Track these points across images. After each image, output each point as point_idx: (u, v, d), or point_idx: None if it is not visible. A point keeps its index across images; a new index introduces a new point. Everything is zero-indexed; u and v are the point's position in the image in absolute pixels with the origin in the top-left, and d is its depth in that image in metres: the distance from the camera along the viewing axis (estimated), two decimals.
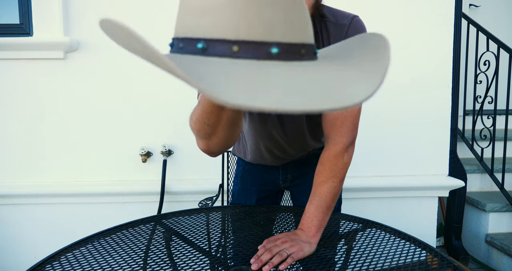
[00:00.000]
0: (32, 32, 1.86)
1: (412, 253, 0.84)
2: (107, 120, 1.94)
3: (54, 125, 1.92)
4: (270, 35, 0.43)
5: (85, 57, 1.90)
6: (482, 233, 2.28)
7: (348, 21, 0.98)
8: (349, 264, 0.80)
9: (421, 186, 2.06)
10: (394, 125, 2.07)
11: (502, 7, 3.26)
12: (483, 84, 2.40)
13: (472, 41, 2.46)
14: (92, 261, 0.78)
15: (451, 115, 2.11)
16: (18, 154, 1.92)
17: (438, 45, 2.05)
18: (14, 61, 1.87)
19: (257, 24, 0.42)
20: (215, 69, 0.41)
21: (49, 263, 0.77)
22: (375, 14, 2.00)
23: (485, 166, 2.34)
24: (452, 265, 0.78)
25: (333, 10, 1.02)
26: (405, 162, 2.10)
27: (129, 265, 0.77)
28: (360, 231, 0.98)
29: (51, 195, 1.91)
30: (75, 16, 1.88)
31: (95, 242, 0.88)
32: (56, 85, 1.90)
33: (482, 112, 2.37)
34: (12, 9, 1.87)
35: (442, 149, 2.11)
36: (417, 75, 2.05)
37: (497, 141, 2.35)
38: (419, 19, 2.03)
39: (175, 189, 1.94)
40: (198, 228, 0.99)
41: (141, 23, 1.90)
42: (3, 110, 1.90)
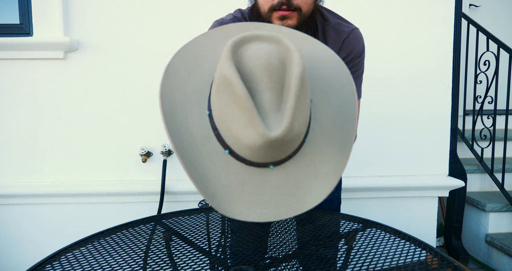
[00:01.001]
0: (32, 32, 1.86)
1: (412, 253, 0.84)
2: (107, 120, 1.93)
3: (54, 125, 1.92)
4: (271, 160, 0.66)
5: (85, 57, 1.90)
6: (482, 233, 2.28)
7: (348, 32, 0.99)
8: (349, 264, 0.80)
9: (421, 186, 2.06)
10: (394, 125, 2.07)
11: (502, 7, 3.26)
12: (483, 84, 2.40)
13: (472, 41, 2.46)
14: (92, 261, 0.78)
15: (451, 115, 2.11)
16: (18, 154, 1.92)
17: (438, 45, 2.05)
18: (14, 61, 1.87)
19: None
20: (226, 182, 0.66)
21: (49, 263, 0.77)
22: (375, 14, 2.00)
23: (485, 166, 2.34)
24: (452, 265, 0.78)
25: (338, 17, 1.04)
26: (405, 162, 2.10)
27: (129, 265, 0.77)
28: (360, 231, 0.98)
29: (51, 195, 1.91)
30: (75, 16, 1.88)
31: (95, 242, 0.88)
32: (56, 85, 1.90)
33: (482, 112, 2.37)
34: (12, 9, 1.87)
35: (442, 149, 2.11)
36: (417, 76, 2.05)
37: (497, 141, 2.35)
38: (419, 19, 2.03)
39: (175, 189, 1.94)
40: (198, 228, 0.99)
41: (141, 23, 1.90)
42: (3, 110, 1.90)
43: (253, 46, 0.63)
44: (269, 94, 0.60)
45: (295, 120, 0.59)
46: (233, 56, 0.61)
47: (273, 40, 0.64)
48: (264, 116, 0.60)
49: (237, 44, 0.63)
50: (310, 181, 0.67)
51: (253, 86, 0.60)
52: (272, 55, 0.61)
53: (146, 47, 1.91)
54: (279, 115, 0.60)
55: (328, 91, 0.71)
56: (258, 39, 0.64)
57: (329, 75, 0.73)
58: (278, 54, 0.62)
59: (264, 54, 0.61)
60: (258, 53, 0.61)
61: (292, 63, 0.61)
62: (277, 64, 0.61)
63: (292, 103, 0.58)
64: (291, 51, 0.62)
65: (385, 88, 2.03)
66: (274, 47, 0.63)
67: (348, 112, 0.69)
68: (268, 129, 0.58)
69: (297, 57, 0.61)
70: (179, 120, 0.68)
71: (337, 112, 0.69)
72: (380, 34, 2.01)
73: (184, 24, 1.90)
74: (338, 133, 0.69)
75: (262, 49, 0.62)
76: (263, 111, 0.60)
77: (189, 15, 1.90)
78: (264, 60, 0.60)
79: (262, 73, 0.60)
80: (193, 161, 0.65)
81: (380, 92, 2.03)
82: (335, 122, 0.69)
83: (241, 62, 0.61)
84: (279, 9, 0.87)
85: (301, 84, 0.59)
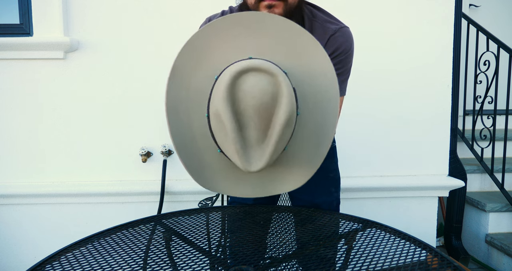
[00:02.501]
0: (32, 32, 1.86)
1: (412, 253, 0.84)
2: (107, 120, 1.93)
3: (54, 125, 1.92)
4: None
5: (85, 57, 1.90)
6: (482, 233, 2.28)
7: (335, 29, 1.01)
8: (349, 264, 0.79)
9: (421, 186, 2.06)
10: (394, 125, 2.07)
11: (502, 7, 3.26)
12: (483, 84, 2.40)
13: (472, 41, 2.46)
14: (92, 261, 0.78)
15: (451, 115, 2.11)
16: (18, 154, 1.92)
17: (438, 45, 2.05)
18: (14, 61, 1.87)
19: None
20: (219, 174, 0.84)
21: (49, 263, 0.77)
22: (374, 14, 2.00)
23: (485, 166, 2.34)
24: (452, 265, 0.78)
25: (328, 15, 1.05)
26: (405, 162, 2.10)
27: (129, 265, 0.77)
28: (360, 231, 0.98)
29: (51, 195, 1.91)
30: (75, 16, 1.88)
31: (95, 242, 0.88)
32: (56, 85, 1.90)
33: (482, 112, 2.37)
34: (12, 9, 1.87)
35: (442, 149, 2.11)
36: (417, 76, 2.05)
37: (497, 141, 2.35)
38: (419, 19, 2.03)
39: (175, 189, 1.94)
40: (198, 228, 0.99)
41: (141, 23, 1.90)
42: (3, 110, 1.90)
43: (249, 80, 0.70)
44: (255, 133, 0.72)
45: (274, 155, 0.73)
46: (230, 90, 0.70)
47: (268, 72, 0.70)
48: (248, 149, 0.73)
49: (234, 77, 0.69)
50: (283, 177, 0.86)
51: (244, 121, 0.71)
52: (266, 93, 0.69)
53: (146, 47, 1.91)
54: (262, 149, 0.73)
55: (315, 102, 0.80)
56: (254, 71, 0.70)
57: (319, 84, 0.80)
58: (271, 90, 0.70)
59: (257, 93, 0.69)
60: (252, 90, 0.69)
61: (281, 106, 0.70)
62: (268, 101, 0.69)
63: (272, 148, 0.72)
64: (282, 89, 0.70)
65: (385, 88, 2.03)
66: (268, 82, 0.70)
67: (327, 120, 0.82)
68: (249, 163, 0.72)
69: (285, 101, 0.70)
70: (181, 116, 0.79)
71: (319, 120, 0.82)
72: (380, 34, 2.01)
73: (184, 24, 1.90)
74: (315, 139, 0.81)
75: (256, 85, 0.69)
76: (248, 144, 0.73)
77: (189, 15, 1.90)
78: (257, 100, 0.69)
79: (253, 113, 0.70)
80: (189, 150, 0.80)
81: (380, 92, 2.03)
82: (315, 131, 0.81)
83: (236, 99, 0.70)
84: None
85: (283, 129, 0.71)
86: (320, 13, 1.03)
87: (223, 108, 0.69)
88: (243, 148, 0.71)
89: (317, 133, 0.81)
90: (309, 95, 0.80)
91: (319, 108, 0.80)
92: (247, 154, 0.72)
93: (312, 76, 0.80)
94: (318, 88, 0.80)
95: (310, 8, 1.04)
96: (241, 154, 0.71)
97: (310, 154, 0.82)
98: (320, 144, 0.82)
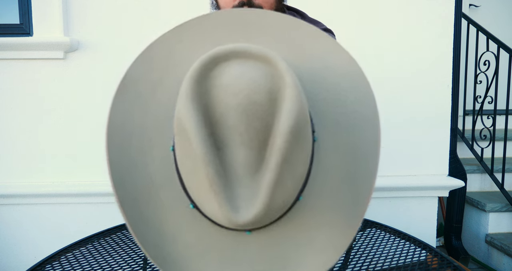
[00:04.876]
0: (32, 32, 1.86)
1: (412, 253, 0.84)
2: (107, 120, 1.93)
3: (54, 125, 1.92)
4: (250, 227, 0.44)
5: (85, 57, 1.90)
6: (482, 233, 2.28)
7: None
8: (349, 264, 0.79)
9: (421, 186, 2.06)
10: (393, 125, 2.07)
11: (502, 7, 3.26)
12: (483, 84, 2.40)
13: (472, 41, 2.46)
14: (92, 261, 0.78)
15: (451, 115, 2.11)
16: (18, 154, 1.92)
17: (438, 45, 2.05)
18: (14, 61, 1.87)
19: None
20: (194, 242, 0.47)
21: (49, 263, 0.77)
22: (374, 14, 2.00)
23: (485, 166, 2.33)
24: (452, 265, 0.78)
25: (311, 20, 1.00)
26: (405, 162, 2.10)
27: (129, 265, 0.77)
28: (360, 231, 0.98)
29: (51, 195, 1.91)
30: (75, 16, 1.88)
31: (95, 242, 0.88)
32: (56, 85, 1.90)
33: (482, 112, 2.37)
34: (12, 9, 1.87)
35: (442, 149, 2.11)
36: (417, 76, 2.05)
37: (497, 141, 2.35)
38: (419, 19, 2.02)
39: None
40: None
41: (141, 23, 1.90)
42: (3, 110, 1.90)
43: (231, 70, 0.42)
44: (244, 152, 0.41)
45: (275, 196, 0.41)
46: (198, 86, 0.42)
47: (261, 58, 0.43)
48: (233, 184, 0.41)
49: (206, 66, 0.43)
50: (301, 254, 0.47)
51: (223, 136, 0.41)
52: (257, 87, 0.41)
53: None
54: (255, 183, 0.41)
55: (341, 121, 0.49)
56: (238, 57, 0.43)
57: (345, 96, 0.51)
58: (266, 83, 0.41)
59: (244, 86, 0.40)
60: (235, 83, 0.41)
61: (283, 106, 0.40)
62: (263, 102, 0.40)
63: (272, 179, 0.40)
64: (285, 80, 0.41)
65: (384, 88, 2.03)
66: (262, 72, 0.42)
67: (365, 155, 0.47)
68: (234, 211, 0.40)
69: (290, 97, 0.40)
70: (131, 154, 0.49)
71: (351, 154, 0.48)
72: (380, 34, 2.01)
73: None
74: (349, 187, 0.47)
75: (242, 77, 0.41)
76: (233, 176, 0.41)
77: (189, 15, 1.90)
78: (243, 96, 0.40)
79: (238, 119, 0.40)
80: (143, 210, 0.49)
81: (379, 93, 2.02)
82: (347, 170, 0.48)
83: (209, 97, 0.42)
84: None
85: (291, 145, 0.40)
86: (301, 18, 0.99)
87: (186, 113, 0.40)
88: (223, 181, 0.41)
89: (348, 175, 0.47)
90: (331, 112, 0.49)
91: (349, 131, 0.49)
92: (231, 192, 0.41)
93: (332, 83, 0.51)
94: (343, 99, 0.50)
95: (293, 13, 1.00)
96: (220, 192, 0.40)
97: (338, 210, 0.47)
98: (354, 194, 0.47)
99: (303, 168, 0.44)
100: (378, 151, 0.48)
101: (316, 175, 0.47)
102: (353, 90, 0.50)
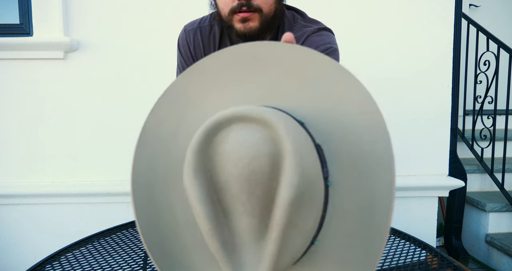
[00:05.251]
0: (32, 32, 1.86)
1: (412, 253, 0.84)
2: (107, 120, 1.93)
3: (54, 125, 1.92)
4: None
5: (85, 57, 1.90)
6: (482, 233, 2.28)
7: (313, 30, 0.93)
8: None
9: (421, 186, 2.06)
10: (393, 125, 2.06)
11: (502, 7, 3.26)
12: (483, 84, 2.40)
13: (472, 41, 2.46)
14: (92, 261, 0.78)
15: (451, 115, 2.11)
16: (18, 154, 1.92)
17: (438, 45, 2.05)
18: (14, 61, 1.87)
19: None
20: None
21: (49, 263, 0.77)
22: (374, 14, 2.00)
23: (485, 166, 2.34)
24: (452, 265, 0.78)
25: (309, 20, 0.99)
26: (405, 162, 2.10)
27: (129, 265, 0.77)
28: None
29: (51, 195, 1.91)
30: (75, 16, 1.88)
31: (95, 242, 0.88)
32: (56, 85, 1.90)
33: (482, 112, 2.37)
34: (12, 9, 1.87)
35: (442, 149, 2.11)
36: (417, 76, 2.05)
37: (497, 141, 2.35)
38: (419, 19, 2.02)
39: None
40: None
41: (141, 23, 1.90)
42: (3, 110, 1.90)
43: (232, 136, 0.44)
44: (247, 220, 0.43)
45: (282, 256, 0.43)
46: (202, 156, 0.44)
47: (262, 123, 0.44)
48: (240, 251, 0.43)
49: (209, 132, 0.44)
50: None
51: (228, 204, 0.43)
52: (259, 153, 0.42)
53: (146, 47, 1.91)
54: (260, 250, 0.43)
55: (356, 164, 0.49)
56: (240, 121, 0.44)
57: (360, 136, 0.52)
58: (266, 149, 0.42)
59: (245, 153, 0.42)
60: (237, 150, 0.42)
61: (282, 177, 0.41)
62: (264, 169, 0.42)
63: (275, 248, 0.41)
64: (285, 146, 0.42)
65: (384, 88, 2.03)
66: (263, 137, 0.43)
67: (380, 201, 0.48)
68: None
69: (290, 168, 0.41)
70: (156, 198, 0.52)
71: (366, 199, 0.48)
72: (380, 34, 2.01)
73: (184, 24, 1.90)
74: (363, 234, 0.48)
75: (243, 144, 0.43)
76: (240, 243, 0.43)
77: (189, 15, 1.89)
78: (244, 164, 0.42)
79: (240, 188, 0.42)
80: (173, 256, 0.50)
81: (379, 93, 2.02)
82: (361, 215, 0.48)
83: (213, 165, 0.44)
84: (239, 11, 0.84)
85: (290, 213, 0.41)
86: (301, 17, 0.99)
87: (189, 183, 0.43)
88: (229, 250, 0.43)
89: (362, 222, 0.48)
90: (346, 152, 0.50)
91: (364, 175, 0.49)
92: (237, 259, 0.43)
93: (347, 124, 0.51)
94: (358, 141, 0.50)
95: (293, 13, 1.00)
96: (225, 260, 0.43)
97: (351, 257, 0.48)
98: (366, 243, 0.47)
99: (312, 223, 0.45)
100: (393, 196, 0.48)
101: (331, 219, 0.48)
102: (368, 129, 0.52)
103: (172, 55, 1.18)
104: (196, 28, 1.02)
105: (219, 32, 1.00)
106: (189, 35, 1.03)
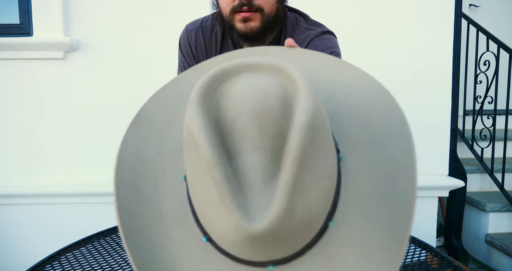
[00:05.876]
0: (32, 32, 1.86)
1: (412, 253, 0.84)
2: (107, 120, 1.93)
3: (54, 125, 1.92)
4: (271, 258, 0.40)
5: (85, 57, 1.90)
6: (482, 233, 2.28)
7: (316, 33, 0.93)
8: None
9: (421, 186, 2.06)
10: None
11: (502, 7, 3.26)
12: (483, 84, 2.40)
13: (472, 41, 2.46)
14: (92, 261, 0.78)
15: (451, 115, 2.11)
16: (18, 154, 1.92)
17: (438, 45, 2.05)
18: (14, 61, 1.87)
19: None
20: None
21: (49, 263, 0.77)
22: (374, 14, 2.00)
23: (485, 166, 2.33)
24: (452, 265, 0.78)
25: (312, 23, 0.99)
26: None
27: (129, 265, 0.77)
28: None
29: (51, 195, 1.91)
30: (75, 16, 1.88)
31: (95, 242, 0.88)
32: (56, 85, 1.90)
33: (482, 112, 2.37)
34: (12, 9, 1.87)
35: (442, 149, 2.11)
36: (417, 75, 2.05)
37: (497, 141, 2.35)
38: (419, 19, 2.02)
39: None
40: None
41: (141, 23, 1.90)
42: (3, 110, 1.90)
43: (240, 82, 0.40)
44: (257, 157, 0.37)
45: (295, 201, 0.36)
46: (207, 98, 0.39)
47: (272, 69, 0.40)
48: (246, 193, 0.37)
49: (215, 80, 0.40)
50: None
51: (234, 144, 0.38)
52: (269, 94, 0.38)
53: (146, 47, 1.91)
54: (271, 191, 0.36)
55: (372, 141, 0.45)
56: (248, 70, 0.41)
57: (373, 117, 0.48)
58: (279, 91, 0.38)
59: (255, 94, 0.38)
60: (246, 92, 0.38)
61: (297, 106, 0.37)
62: (276, 108, 0.37)
63: (289, 175, 0.35)
64: (298, 85, 0.38)
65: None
66: (274, 81, 0.39)
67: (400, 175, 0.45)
68: (246, 219, 0.35)
69: (304, 97, 0.37)
70: (145, 192, 0.46)
71: (383, 174, 0.44)
72: (380, 34, 2.00)
73: (185, 24, 1.90)
74: (386, 211, 0.43)
75: (253, 86, 0.39)
76: (246, 184, 0.37)
77: (189, 15, 1.89)
78: (254, 103, 0.37)
79: (250, 124, 0.37)
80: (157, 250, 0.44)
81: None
82: (380, 193, 0.43)
83: (219, 109, 0.39)
84: (240, 11, 0.84)
85: (307, 142, 0.36)
86: (303, 19, 0.99)
87: (194, 120, 0.37)
88: (234, 187, 0.36)
89: (382, 199, 0.43)
90: (356, 132, 0.46)
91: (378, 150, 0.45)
92: (243, 201, 0.36)
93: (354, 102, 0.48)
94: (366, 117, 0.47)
95: (295, 15, 0.99)
96: (230, 205, 0.35)
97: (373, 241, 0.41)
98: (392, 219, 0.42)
99: (328, 183, 0.40)
100: (415, 166, 0.45)
101: (345, 198, 0.42)
102: (377, 108, 0.49)
103: (172, 55, 1.18)
104: (198, 28, 1.02)
105: (221, 32, 1.00)
106: (190, 35, 1.03)
